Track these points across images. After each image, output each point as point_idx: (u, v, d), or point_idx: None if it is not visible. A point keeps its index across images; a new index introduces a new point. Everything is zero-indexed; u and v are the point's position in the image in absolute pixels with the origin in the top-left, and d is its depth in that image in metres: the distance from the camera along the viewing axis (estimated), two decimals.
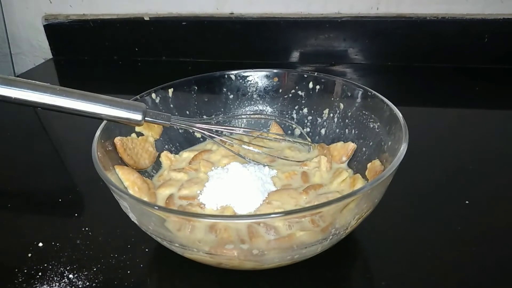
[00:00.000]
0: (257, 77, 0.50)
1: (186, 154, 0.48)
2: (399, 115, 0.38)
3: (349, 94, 0.46)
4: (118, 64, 0.85)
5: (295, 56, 0.79)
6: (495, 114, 0.62)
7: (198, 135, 0.50)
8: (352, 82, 0.46)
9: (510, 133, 0.56)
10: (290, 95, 0.50)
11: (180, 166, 0.46)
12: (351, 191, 0.33)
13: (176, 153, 0.48)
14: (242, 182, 0.39)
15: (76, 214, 0.45)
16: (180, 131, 0.49)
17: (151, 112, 0.40)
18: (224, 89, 0.51)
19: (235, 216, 0.36)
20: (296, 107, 0.50)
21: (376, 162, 0.40)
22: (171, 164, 0.46)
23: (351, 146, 0.44)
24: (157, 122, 0.40)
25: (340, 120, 0.47)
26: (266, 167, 0.43)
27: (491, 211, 0.42)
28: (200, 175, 0.43)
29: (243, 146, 0.45)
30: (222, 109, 0.51)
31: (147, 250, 0.39)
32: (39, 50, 0.90)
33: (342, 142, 0.46)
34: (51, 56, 0.89)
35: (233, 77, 0.50)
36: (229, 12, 0.78)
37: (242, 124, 0.52)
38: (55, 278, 0.37)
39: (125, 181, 0.39)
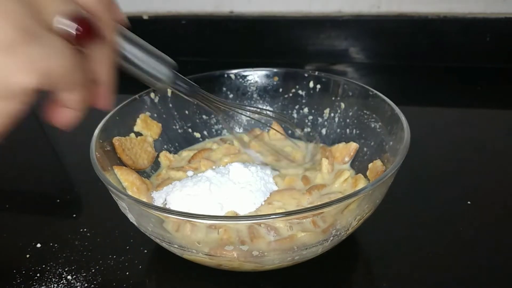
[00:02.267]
0: (257, 76, 0.50)
1: (186, 153, 0.47)
2: (401, 114, 0.38)
3: (350, 94, 0.46)
4: None
5: (295, 55, 0.78)
6: (497, 114, 0.62)
7: (197, 135, 0.50)
8: (353, 81, 0.46)
9: None
10: (291, 94, 0.50)
11: (179, 165, 0.45)
12: (353, 191, 0.33)
13: (175, 153, 0.48)
14: (243, 182, 0.39)
15: (74, 215, 0.45)
16: (179, 131, 0.48)
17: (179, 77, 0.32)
18: (224, 89, 0.50)
19: (236, 217, 0.35)
20: (296, 107, 0.50)
21: (378, 162, 0.40)
22: (170, 164, 0.46)
23: (353, 146, 0.44)
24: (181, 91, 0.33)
25: (341, 119, 0.47)
26: (269, 167, 0.43)
27: (493, 212, 0.41)
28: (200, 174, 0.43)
29: (245, 150, 0.45)
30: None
31: (146, 251, 0.39)
32: None
33: (344, 143, 0.45)
34: None
35: (233, 76, 0.50)
36: (228, 11, 0.78)
37: (242, 124, 0.52)
38: (54, 279, 0.37)
39: (124, 181, 0.39)
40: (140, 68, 0.28)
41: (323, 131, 0.48)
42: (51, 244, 0.40)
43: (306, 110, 0.50)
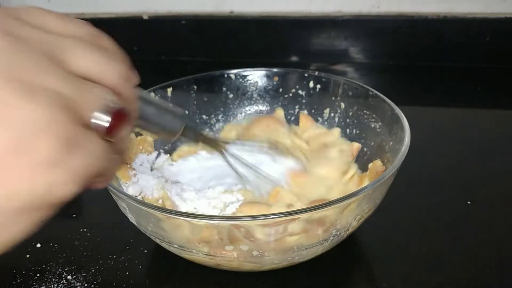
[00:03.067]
0: (257, 76, 0.50)
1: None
2: (401, 114, 0.38)
3: (350, 94, 0.46)
4: None
5: (295, 55, 0.78)
6: (497, 114, 0.62)
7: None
8: (353, 81, 0.46)
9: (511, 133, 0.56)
10: (291, 94, 0.50)
11: None
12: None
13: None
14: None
15: (74, 215, 0.45)
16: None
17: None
18: (224, 89, 0.50)
19: (234, 217, 0.35)
20: (296, 107, 0.50)
21: (378, 163, 0.40)
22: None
23: (356, 146, 0.44)
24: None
25: (341, 119, 0.47)
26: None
27: (493, 211, 0.41)
28: None
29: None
30: (222, 109, 0.51)
31: (145, 251, 0.39)
32: None
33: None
34: None
35: (233, 76, 0.50)
36: (228, 11, 0.78)
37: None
38: (54, 279, 0.37)
39: (121, 178, 0.39)
40: (156, 126, 0.28)
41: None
42: (51, 244, 0.40)
43: (306, 110, 0.50)
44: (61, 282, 0.36)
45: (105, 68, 0.21)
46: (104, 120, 0.19)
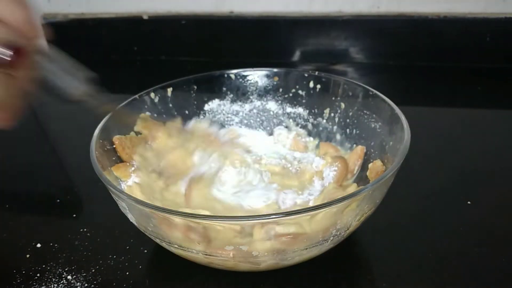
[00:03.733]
0: (257, 76, 0.50)
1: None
2: (401, 114, 0.38)
3: (350, 94, 0.46)
4: (117, 64, 0.84)
5: (295, 55, 0.78)
6: (497, 114, 0.62)
7: None
8: (353, 81, 0.46)
9: None
10: (291, 94, 0.50)
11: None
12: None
13: None
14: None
15: (74, 215, 0.45)
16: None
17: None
18: (224, 89, 0.50)
19: (233, 217, 0.35)
20: (296, 107, 0.50)
21: (378, 163, 0.40)
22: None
23: (360, 149, 0.43)
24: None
25: (341, 119, 0.47)
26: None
27: (493, 212, 0.41)
28: None
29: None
30: (222, 109, 0.51)
31: (145, 251, 0.39)
32: None
33: (349, 150, 0.45)
34: None
35: (233, 76, 0.50)
36: (228, 11, 0.78)
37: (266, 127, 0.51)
38: (54, 279, 0.37)
39: (123, 178, 0.39)
40: (55, 84, 0.31)
41: (323, 131, 0.48)
42: (51, 244, 0.40)
43: (306, 110, 0.50)
44: (61, 282, 0.36)
45: (12, 11, 0.24)
46: (2, 53, 0.23)
